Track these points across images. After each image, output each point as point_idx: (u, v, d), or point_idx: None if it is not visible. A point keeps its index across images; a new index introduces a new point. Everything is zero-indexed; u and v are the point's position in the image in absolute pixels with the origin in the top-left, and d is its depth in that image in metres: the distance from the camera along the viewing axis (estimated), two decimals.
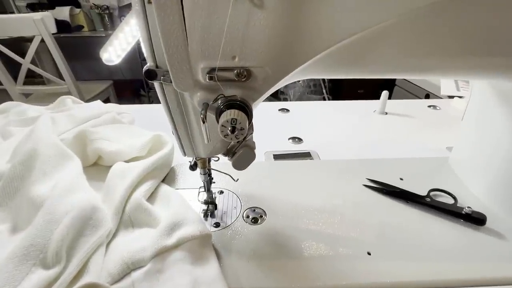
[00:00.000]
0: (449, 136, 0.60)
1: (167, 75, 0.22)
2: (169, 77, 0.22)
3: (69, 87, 1.36)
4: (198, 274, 0.30)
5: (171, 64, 0.20)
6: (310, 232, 0.37)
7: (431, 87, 1.21)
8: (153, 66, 0.23)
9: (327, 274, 0.31)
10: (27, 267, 0.28)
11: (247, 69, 0.23)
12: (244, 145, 0.29)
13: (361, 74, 0.28)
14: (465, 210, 0.38)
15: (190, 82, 0.21)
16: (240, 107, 0.24)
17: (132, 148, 0.46)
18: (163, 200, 0.40)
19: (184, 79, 0.21)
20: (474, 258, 0.33)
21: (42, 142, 0.41)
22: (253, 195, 0.43)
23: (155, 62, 0.23)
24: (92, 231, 0.33)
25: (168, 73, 0.21)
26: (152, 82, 0.24)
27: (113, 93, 1.82)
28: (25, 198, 0.35)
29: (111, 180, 0.40)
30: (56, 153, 0.41)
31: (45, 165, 0.38)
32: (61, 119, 0.53)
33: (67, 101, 0.63)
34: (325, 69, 0.26)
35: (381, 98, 0.71)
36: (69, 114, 0.55)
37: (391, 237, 0.36)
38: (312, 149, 0.56)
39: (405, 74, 0.29)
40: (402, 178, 0.46)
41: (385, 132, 0.63)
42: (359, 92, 1.97)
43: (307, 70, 0.25)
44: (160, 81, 0.24)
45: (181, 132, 0.30)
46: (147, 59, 0.24)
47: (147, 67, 0.23)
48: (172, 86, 0.23)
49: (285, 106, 0.75)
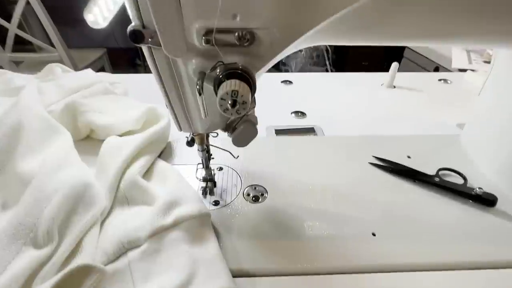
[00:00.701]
0: (461, 112, 0.57)
1: (156, 37, 0.18)
2: (158, 40, 0.18)
3: (60, 55, 1.29)
4: (197, 254, 0.29)
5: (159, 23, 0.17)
6: (313, 211, 0.35)
7: (441, 59, 1.15)
8: (139, 26, 0.20)
9: (330, 255, 0.30)
10: (17, 246, 0.27)
11: (250, 31, 0.20)
12: (245, 120, 0.27)
13: (379, 39, 0.25)
14: (476, 191, 0.36)
15: (182, 46, 0.18)
16: (241, 77, 0.20)
17: (125, 121, 0.43)
18: (159, 176, 0.38)
19: (175, 42, 0.18)
20: (483, 240, 0.32)
21: (27, 114, 0.38)
22: (254, 172, 0.41)
23: (141, 21, 0.20)
24: (86, 209, 0.31)
25: (156, 34, 0.18)
26: (139, 46, 0.21)
27: (107, 62, 1.75)
28: (12, 173, 0.33)
29: (103, 155, 0.37)
30: (43, 127, 0.38)
31: (32, 139, 0.36)
32: (49, 89, 0.50)
33: (56, 69, 0.59)
34: (341, 33, 0.22)
35: (391, 71, 0.66)
36: (57, 84, 0.52)
37: (397, 217, 0.35)
38: (316, 124, 0.53)
39: (428, 39, 0.26)
40: (409, 156, 0.44)
41: (393, 107, 0.60)
42: (363, 64, 1.89)
43: (320, 34, 0.21)
44: (148, 45, 0.21)
45: (176, 106, 0.27)
46: (132, 18, 0.20)
47: (132, 27, 0.20)
48: (162, 51, 0.19)
49: (288, 78, 0.71)
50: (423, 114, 0.58)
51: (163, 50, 0.19)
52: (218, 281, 0.27)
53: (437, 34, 0.25)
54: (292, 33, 0.20)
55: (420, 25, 0.22)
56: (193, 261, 0.28)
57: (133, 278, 0.27)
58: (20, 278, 0.25)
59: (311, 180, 0.39)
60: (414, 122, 0.55)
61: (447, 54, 1.11)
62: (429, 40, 0.27)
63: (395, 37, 0.24)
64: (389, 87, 0.67)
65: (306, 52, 1.90)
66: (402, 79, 0.69)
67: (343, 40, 0.25)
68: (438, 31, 0.24)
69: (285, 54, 0.23)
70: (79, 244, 0.29)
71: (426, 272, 0.29)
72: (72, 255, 0.29)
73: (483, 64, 0.84)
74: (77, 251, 0.29)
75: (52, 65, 0.59)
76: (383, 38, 0.25)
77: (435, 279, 0.29)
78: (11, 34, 1.20)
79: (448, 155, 0.45)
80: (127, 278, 0.27)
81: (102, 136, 0.44)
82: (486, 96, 0.42)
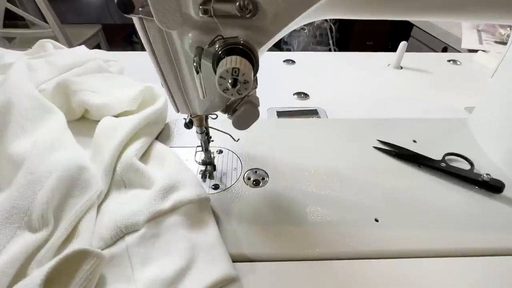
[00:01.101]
0: (470, 95, 0.55)
1: (147, 7, 0.16)
2: (150, 9, 0.16)
3: (54, 31, 1.24)
4: (196, 239, 0.28)
5: None
6: (315, 196, 0.34)
7: (449, 39, 1.10)
8: None
9: (332, 240, 0.30)
10: (11, 230, 0.26)
11: (253, 1, 0.17)
12: (247, 101, 0.25)
13: (391, 12, 0.22)
14: (483, 177, 0.35)
15: (177, 17, 0.16)
16: (243, 53, 0.18)
17: (121, 101, 0.41)
18: (157, 159, 0.37)
19: (169, 12, 0.16)
20: (489, 227, 0.32)
21: (17, 92, 0.36)
22: (254, 155, 0.40)
23: None
24: (81, 192, 0.30)
25: (148, 2, 0.16)
26: (129, 16, 0.18)
27: (103, 39, 1.69)
28: (2, 154, 0.32)
29: (98, 137, 0.36)
30: (34, 106, 0.36)
31: (23, 119, 0.34)
32: (40, 66, 0.47)
33: (47, 46, 0.56)
34: (351, 4, 0.20)
35: (398, 50, 0.63)
36: (49, 61, 0.49)
37: (400, 203, 0.34)
38: (319, 106, 0.51)
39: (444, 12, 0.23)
40: (415, 140, 0.43)
41: (399, 89, 0.58)
42: (368, 43, 1.83)
43: (329, 6, 0.19)
44: (139, 15, 0.18)
45: (172, 85, 0.26)
46: None
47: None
48: (155, 23, 0.17)
49: (291, 57, 0.68)
50: (430, 96, 0.55)
51: (155, 21, 0.17)
52: (218, 266, 0.26)
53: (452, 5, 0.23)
54: (299, 3, 0.18)
55: None
56: (193, 246, 0.27)
57: (131, 263, 0.27)
58: (16, 262, 0.24)
59: (313, 164, 0.38)
60: (420, 104, 0.53)
61: (457, 33, 1.06)
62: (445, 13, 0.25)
63: (409, 7, 0.22)
64: (395, 68, 0.64)
65: (309, 30, 1.83)
66: (409, 60, 0.66)
67: (352, 13, 0.23)
68: None
69: (290, 28, 0.21)
70: (75, 229, 0.29)
71: (430, 259, 0.29)
72: (69, 240, 0.28)
73: (495, 44, 0.80)
74: (73, 235, 0.28)
75: (43, 41, 0.56)
76: (395, 9, 0.23)
77: (439, 265, 0.29)
78: (1, 8, 1.14)
79: (455, 139, 0.43)
80: (125, 262, 0.27)
81: (96, 117, 0.42)
82: (500, 78, 0.40)
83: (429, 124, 0.46)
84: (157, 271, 0.26)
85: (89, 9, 1.99)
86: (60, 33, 1.26)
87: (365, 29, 1.78)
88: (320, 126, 0.46)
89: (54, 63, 0.49)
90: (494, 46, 0.78)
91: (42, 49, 0.56)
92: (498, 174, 0.36)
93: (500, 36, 0.82)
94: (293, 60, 0.67)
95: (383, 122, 0.47)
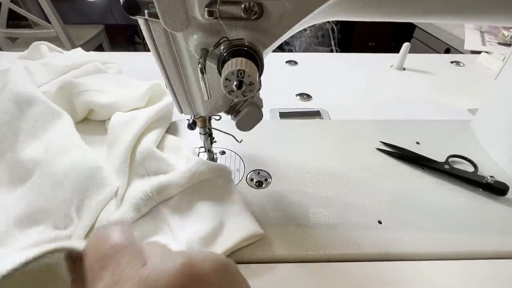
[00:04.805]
0: (473, 97, 0.54)
1: (153, 8, 0.16)
2: (155, 11, 0.16)
3: (57, 31, 1.25)
4: (225, 206, 0.30)
5: None
6: (317, 198, 0.34)
7: (452, 40, 1.10)
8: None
9: (335, 242, 0.30)
10: (37, 229, 0.27)
11: (259, 3, 0.17)
12: (250, 103, 0.25)
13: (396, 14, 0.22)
14: (487, 179, 0.35)
15: (183, 18, 0.16)
16: (248, 55, 0.18)
17: (127, 99, 0.41)
18: (173, 149, 0.38)
19: (174, 14, 0.16)
20: (493, 230, 0.31)
21: (22, 98, 0.36)
22: (257, 156, 0.39)
23: None
24: (97, 191, 0.31)
25: (154, 4, 0.16)
26: (134, 17, 0.18)
27: (105, 40, 1.69)
28: (16, 160, 0.32)
29: (114, 129, 0.37)
30: (42, 111, 0.36)
31: (33, 126, 0.34)
32: (36, 69, 0.47)
33: (42, 48, 0.55)
34: (356, 6, 0.20)
35: (401, 51, 0.63)
36: (45, 63, 0.49)
37: (404, 205, 0.34)
38: (321, 107, 0.51)
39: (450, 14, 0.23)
40: (418, 142, 0.43)
41: (402, 90, 0.58)
42: (369, 44, 1.83)
43: (336, 8, 0.19)
44: (145, 17, 0.18)
45: (176, 86, 0.26)
46: None
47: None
48: (160, 25, 0.17)
49: (293, 58, 0.68)
50: (433, 98, 0.55)
51: (161, 23, 0.17)
52: (247, 226, 0.29)
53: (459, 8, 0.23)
54: (305, 5, 0.18)
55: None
56: (223, 211, 0.30)
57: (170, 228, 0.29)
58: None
59: (316, 166, 0.38)
60: (424, 106, 0.53)
61: (459, 34, 1.06)
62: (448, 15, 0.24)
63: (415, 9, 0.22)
64: (398, 69, 0.64)
65: (311, 31, 1.83)
66: (412, 61, 0.66)
67: (357, 15, 0.23)
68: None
69: (296, 30, 0.21)
70: (94, 225, 0.29)
71: (433, 261, 0.29)
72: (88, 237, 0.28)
73: (498, 46, 0.80)
74: None
75: (37, 43, 0.56)
76: (401, 11, 0.23)
77: (443, 268, 0.28)
78: (4, 8, 1.15)
79: (458, 141, 0.43)
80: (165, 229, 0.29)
81: (102, 117, 0.43)
82: (504, 79, 0.40)
83: (432, 126, 0.46)
84: (194, 230, 0.28)
85: (92, 9, 2.00)
86: (63, 33, 1.27)
87: (367, 30, 1.78)
88: (322, 128, 0.46)
89: (52, 65, 0.49)
90: (497, 47, 0.78)
91: (37, 52, 0.55)
92: (502, 176, 0.36)
93: (503, 38, 0.82)
94: (295, 61, 0.67)
95: (386, 123, 0.46)
